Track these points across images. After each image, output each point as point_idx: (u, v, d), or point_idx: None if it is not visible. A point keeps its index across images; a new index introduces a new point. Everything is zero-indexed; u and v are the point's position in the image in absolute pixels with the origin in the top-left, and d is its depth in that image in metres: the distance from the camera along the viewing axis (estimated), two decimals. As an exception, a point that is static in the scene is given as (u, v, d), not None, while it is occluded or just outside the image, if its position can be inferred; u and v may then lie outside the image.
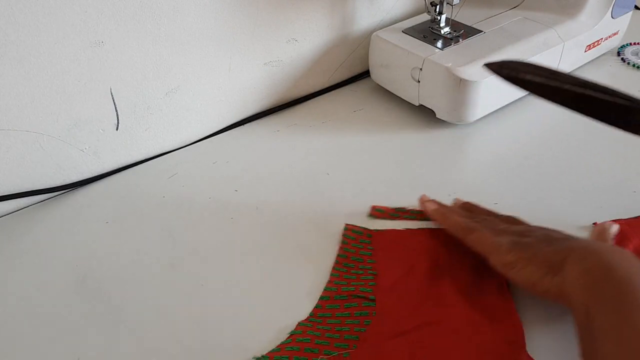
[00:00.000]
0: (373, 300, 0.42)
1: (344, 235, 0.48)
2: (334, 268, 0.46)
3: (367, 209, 0.52)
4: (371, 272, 0.45)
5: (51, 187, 0.55)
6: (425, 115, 0.64)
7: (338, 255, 0.47)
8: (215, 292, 0.45)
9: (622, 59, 0.72)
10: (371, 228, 0.49)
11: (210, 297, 0.45)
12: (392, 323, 0.41)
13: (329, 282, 0.44)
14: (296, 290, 0.44)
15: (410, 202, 0.52)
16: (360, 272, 0.45)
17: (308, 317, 0.42)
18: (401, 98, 0.66)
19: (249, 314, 0.43)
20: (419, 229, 0.49)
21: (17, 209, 0.55)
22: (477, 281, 0.44)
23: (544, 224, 0.49)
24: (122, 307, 0.44)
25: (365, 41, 0.69)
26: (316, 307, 0.43)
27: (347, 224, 0.49)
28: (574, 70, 0.68)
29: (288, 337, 0.40)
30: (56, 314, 0.44)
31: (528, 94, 0.65)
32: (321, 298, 0.43)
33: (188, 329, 0.42)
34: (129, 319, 0.43)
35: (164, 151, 0.61)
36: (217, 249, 0.49)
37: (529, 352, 0.38)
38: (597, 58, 0.71)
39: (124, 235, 0.51)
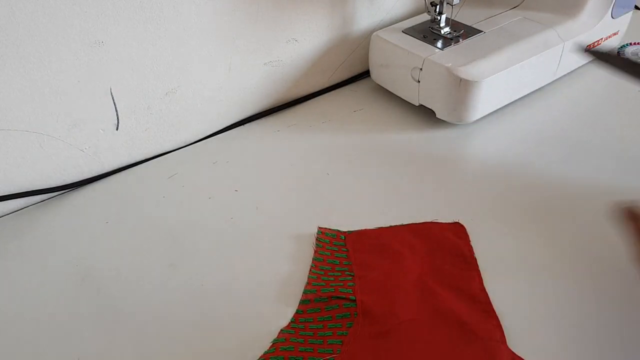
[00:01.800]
0: (354, 300, 0.42)
1: (317, 238, 0.48)
2: (311, 271, 0.45)
3: (366, 209, 0.52)
4: (349, 273, 0.45)
5: (51, 187, 0.55)
6: (425, 115, 0.64)
7: (314, 259, 0.46)
8: (214, 292, 0.45)
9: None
10: (344, 230, 0.49)
11: (210, 297, 0.45)
12: (374, 323, 0.40)
13: (307, 284, 0.44)
14: (297, 292, 0.44)
15: (409, 201, 0.52)
16: (338, 273, 0.45)
17: (290, 323, 0.41)
18: (401, 98, 0.66)
19: (247, 315, 0.43)
20: (391, 226, 0.49)
21: (17, 209, 0.55)
22: (454, 275, 0.44)
23: (544, 223, 0.49)
24: (122, 307, 0.44)
25: (365, 41, 0.69)
26: (297, 312, 0.42)
27: (319, 227, 0.49)
28: (574, 70, 0.68)
29: (271, 346, 0.39)
30: (56, 314, 0.44)
31: (528, 94, 0.65)
32: (301, 302, 0.43)
33: (187, 329, 0.42)
34: (129, 318, 0.43)
35: (163, 151, 0.61)
36: (217, 249, 0.49)
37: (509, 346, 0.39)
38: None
39: (124, 235, 0.51)
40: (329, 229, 0.49)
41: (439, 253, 0.46)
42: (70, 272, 0.48)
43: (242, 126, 0.65)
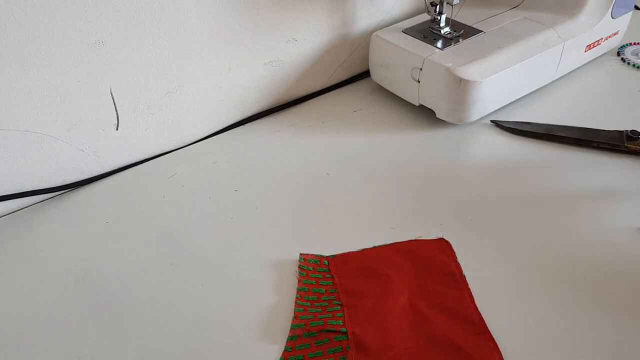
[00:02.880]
0: (345, 332, 0.40)
1: (299, 266, 0.46)
2: (296, 303, 0.43)
3: (367, 209, 0.52)
4: (336, 302, 0.43)
5: (51, 187, 0.55)
6: (425, 115, 0.64)
7: (298, 289, 0.44)
8: (214, 292, 0.45)
9: (622, 59, 0.72)
10: (325, 254, 0.47)
11: (210, 297, 0.45)
12: (368, 356, 0.38)
13: (294, 318, 0.41)
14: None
15: (409, 201, 0.52)
16: (325, 303, 0.43)
17: None
18: (401, 98, 0.66)
19: (247, 317, 0.43)
20: (375, 247, 0.47)
21: (17, 209, 0.55)
22: (444, 295, 0.43)
23: (545, 223, 0.49)
24: (122, 307, 0.44)
25: (365, 41, 0.69)
26: (285, 350, 0.39)
27: (301, 254, 0.47)
28: (573, 70, 0.68)
29: None
30: (56, 314, 0.44)
31: (528, 94, 0.65)
32: (289, 338, 0.40)
33: (187, 329, 0.42)
34: (129, 318, 0.43)
35: (163, 151, 0.61)
36: (217, 249, 0.49)
37: None
38: (597, 58, 0.71)
39: (124, 235, 0.51)
40: (312, 254, 0.47)
41: (427, 273, 0.44)
42: (70, 272, 0.48)
43: (242, 126, 0.65)
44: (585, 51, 0.67)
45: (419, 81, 0.61)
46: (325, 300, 0.43)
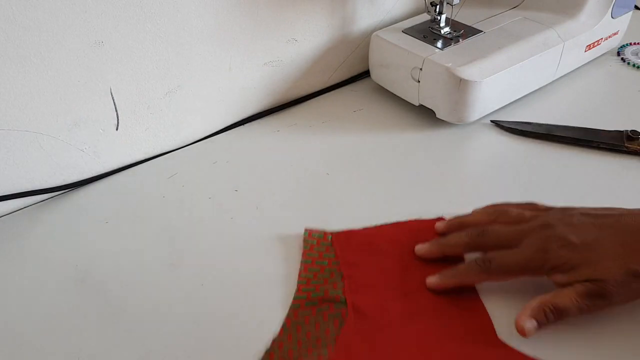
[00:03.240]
0: (344, 301, 0.42)
1: (304, 240, 0.48)
2: (300, 275, 0.45)
3: (366, 209, 0.52)
4: (338, 273, 0.45)
5: (51, 187, 0.55)
6: (425, 115, 0.64)
7: (302, 262, 0.46)
8: (214, 292, 0.45)
9: (622, 59, 0.72)
10: (330, 230, 0.49)
11: (210, 297, 0.45)
12: (366, 322, 0.40)
13: (297, 290, 0.44)
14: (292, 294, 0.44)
15: (410, 201, 0.52)
16: (326, 275, 0.45)
17: (281, 329, 0.41)
18: (401, 98, 0.66)
19: (247, 316, 0.43)
20: (376, 225, 0.49)
21: (17, 209, 0.55)
22: (443, 268, 0.44)
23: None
24: (122, 307, 0.44)
25: (365, 41, 0.69)
26: (287, 316, 0.42)
27: (306, 229, 0.49)
28: (573, 70, 0.68)
29: (265, 356, 0.39)
30: (56, 314, 0.44)
31: (528, 94, 0.65)
32: (292, 307, 0.42)
33: (188, 329, 0.42)
34: (129, 318, 0.43)
35: (164, 151, 0.61)
36: (217, 249, 0.49)
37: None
38: (597, 58, 0.71)
39: (124, 235, 0.51)
40: (316, 229, 0.49)
41: None
42: (70, 272, 0.48)
43: (242, 126, 0.65)
44: (585, 51, 0.67)
45: (419, 81, 0.61)
46: (327, 272, 0.45)
